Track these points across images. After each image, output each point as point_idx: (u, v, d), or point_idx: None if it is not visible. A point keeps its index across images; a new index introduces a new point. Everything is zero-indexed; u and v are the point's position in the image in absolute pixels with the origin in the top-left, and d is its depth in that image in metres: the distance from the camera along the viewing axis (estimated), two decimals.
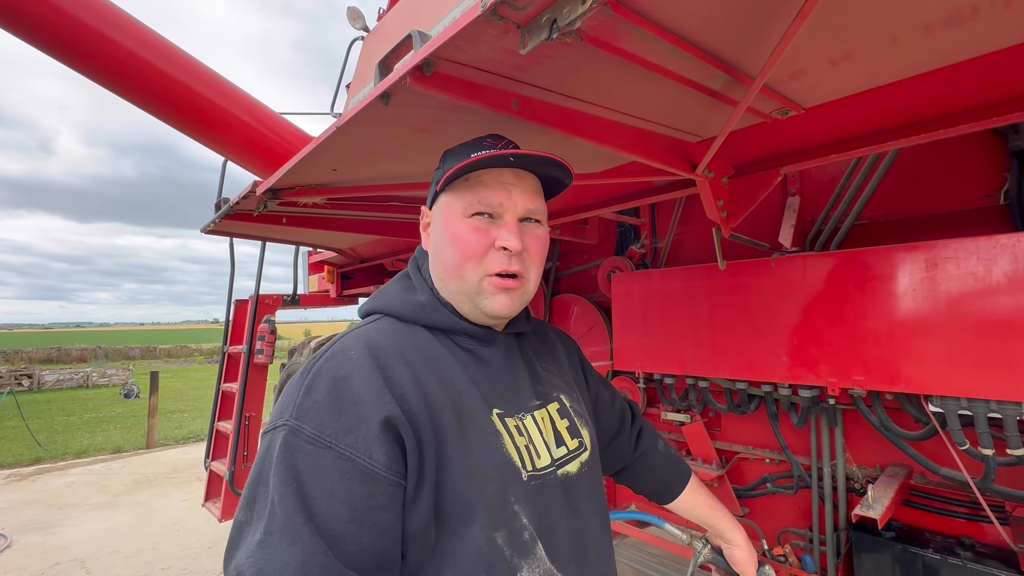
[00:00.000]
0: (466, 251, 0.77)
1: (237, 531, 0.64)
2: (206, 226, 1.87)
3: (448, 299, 0.83)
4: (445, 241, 0.80)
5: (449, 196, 0.81)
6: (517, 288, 0.80)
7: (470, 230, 0.77)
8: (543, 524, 0.75)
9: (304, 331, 48.35)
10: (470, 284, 0.78)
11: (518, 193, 0.79)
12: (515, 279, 0.79)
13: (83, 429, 9.97)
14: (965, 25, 0.74)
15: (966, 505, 1.52)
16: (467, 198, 0.78)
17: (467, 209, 0.78)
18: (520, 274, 0.79)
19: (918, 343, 1.35)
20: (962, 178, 1.55)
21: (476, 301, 0.79)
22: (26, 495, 5.94)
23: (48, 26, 1.84)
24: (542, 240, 0.83)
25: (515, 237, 0.77)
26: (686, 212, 2.26)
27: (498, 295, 0.78)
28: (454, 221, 0.79)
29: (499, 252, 0.77)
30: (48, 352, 30.70)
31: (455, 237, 0.78)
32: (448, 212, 0.80)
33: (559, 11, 0.54)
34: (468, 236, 0.77)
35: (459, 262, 0.78)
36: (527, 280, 0.81)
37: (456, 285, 0.80)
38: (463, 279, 0.79)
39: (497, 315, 0.80)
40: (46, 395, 15.54)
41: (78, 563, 4.13)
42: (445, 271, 0.81)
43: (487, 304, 0.79)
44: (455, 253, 0.78)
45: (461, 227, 0.78)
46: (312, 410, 0.66)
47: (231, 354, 3.64)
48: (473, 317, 0.82)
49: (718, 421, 2.12)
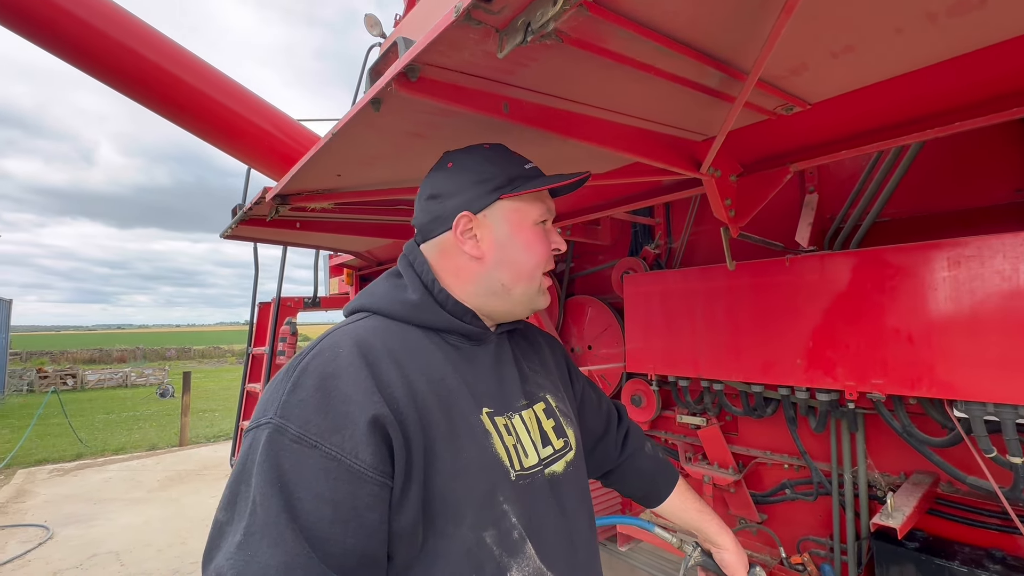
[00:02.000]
0: (543, 255, 0.87)
1: (217, 531, 0.62)
2: (224, 231, 1.93)
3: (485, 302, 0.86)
4: (519, 247, 0.85)
5: (517, 204, 0.85)
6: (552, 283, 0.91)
7: (541, 237, 0.87)
8: (532, 523, 0.75)
9: None
10: (536, 285, 0.87)
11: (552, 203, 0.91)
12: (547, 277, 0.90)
13: (121, 427, 10.39)
14: (972, 14, 0.71)
15: (997, 515, 1.45)
16: (538, 208, 0.87)
17: (539, 217, 0.87)
18: None
19: (940, 345, 1.29)
20: (990, 172, 1.48)
21: (535, 299, 0.88)
22: (67, 489, 6.22)
23: (84, 44, 1.93)
24: None
25: (563, 241, 0.90)
26: (701, 212, 2.21)
27: (547, 293, 0.90)
28: (528, 228, 0.86)
29: (553, 254, 0.89)
30: (91, 353, 32.10)
31: (531, 244, 0.86)
32: (519, 219, 0.85)
33: (532, 14, 0.54)
34: (542, 242, 0.87)
35: (536, 265, 0.86)
36: None
37: (524, 288, 0.86)
38: (533, 280, 0.86)
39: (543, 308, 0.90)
40: (88, 394, 16.25)
41: (113, 555, 4.30)
42: (516, 275, 0.85)
43: (542, 301, 0.89)
44: (532, 258, 0.86)
45: (535, 234, 0.86)
46: (298, 408, 0.65)
47: (255, 355, 3.75)
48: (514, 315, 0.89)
49: (735, 425, 2.07)
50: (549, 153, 1.12)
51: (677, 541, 1.21)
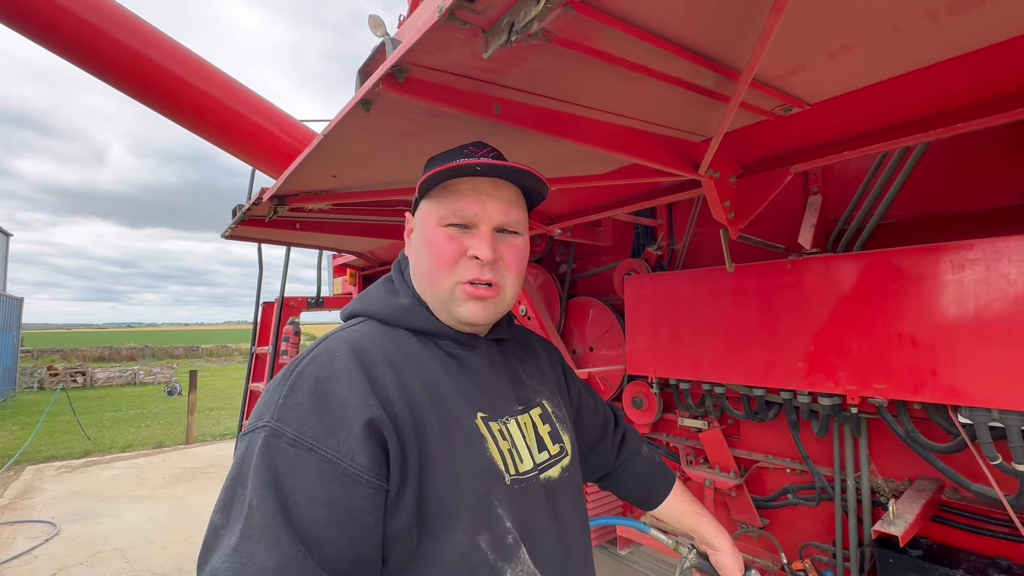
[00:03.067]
0: (439, 259, 0.78)
1: (212, 534, 0.62)
2: (224, 232, 1.93)
3: (428, 304, 0.84)
4: (422, 248, 0.81)
5: (427, 204, 0.82)
6: (492, 297, 0.80)
7: (444, 238, 0.78)
8: (526, 528, 0.74)
9: None
10: (443, 291, 0.80)
11: (493, 204, 0.79)
12: (490, 288, 0.79)
13: (129, 424, 10.48)
14: (971, 12, 0.69)
15: (1002, 523, 1.42)
16: (443, 207, 0.79)
17: (442, 219, 0.79)
18: (495, 283, 0.80)
19: (945, 350, 1.27)
20: (997, 174, 1.45)
21: (450, 308, 0.80)
22: (75, 486, 6.28)
23: (87, 45, 1.94)
24: (519, 250, 0.83)
25: (487, 247, 0.77)
26: (703, 213, 2.19)
27: (470, 303, 0.79)
28: (430, 229, 0.80)
29: (471, 261, 0.78)
30: (101, 351, 32.43)
31: (430, 245, 0.80)
32: (426, 220, 0.81)
33: (516, 14, 0.53)
34: (441, 244, 0.78)
35: (432, 269, 0.80)
36: (503, 289, 0.81)
37: (432, 292, 0.81)
38: (437, 286, 0.80)
39: (470, 322, 0.81)
40: (97, 391, 16.42)
41: (118, 552, 4.34)
42: (422, 277, 0.82)
43: (459, 311, 0.80)
44: (429, 260, 0.80)
45: (436, 235, 0.79)
46: (294, 411, 0.65)
47: (259, 355, 3.76)
48: (450, 323, 0.83)
49: (736, 428, 2.05)
50: (545, 154, 1.11)
51: (673, 543, 1.20)
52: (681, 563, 1.13)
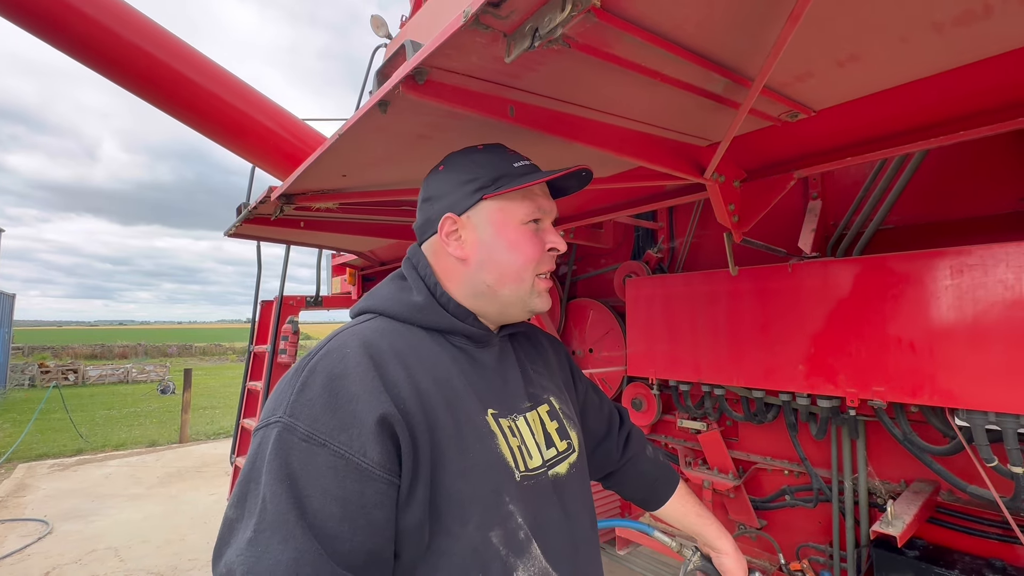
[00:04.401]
0: (531, 255, 0.84)
1: (227, 528, 0.64)
2: (229, 229, 1.93)
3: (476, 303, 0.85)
4: (503, 247, 0.83)
5: (502, 203, 0.84)
6: (551, 285, 0.89)
7: (530, 236, 0.84)
8: (537, 523, 0.75)
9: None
10: (526, 286, 0.84)
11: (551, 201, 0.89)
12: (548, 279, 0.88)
13: (122, 423, 10.40)
14: (978, 24, 0.71)
15: (998, 525, 1.44)
16: (526, 206, 0.84)
17: (526, 216, 0.84)
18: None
19: (943, 354, 1.29)
20: (994, 181, 1.48)
21: (528, 301, 0.86)
22: (68, 484, 6.23)
23: (91, 40, 1.94)
24: None
25: (562, 240, 0.87)
26: (704, 216, 2.22)
27: (544, 295, 0.87)
28: (512, 228, 0.84)
29: (549, 255, 0.87)
30: (93, 348, 32.15)
31: (516, 243, 0.83)
32: (503, 219, 0.83)
33: (540, 19, 0.55)
34: (531, 242, 0.84)
35: (523, 266, 0.83)
36: None
37: (512, 288, 0.84)
38: (522, 282, 0.84)
39: (542, 311, 0.88)
40: (89, 389, 16.28)
41: (112, 551, 4.31)
42: (501, 276, 0.84)
43: (538, 303, 0.87)
44: (518, 258, 0.83)
45: (521, 234, 0.84)
46: (307, 407, 0.66)
47: (256, 353, 3.75)
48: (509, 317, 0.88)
49: (735, 430, 2.07)
50: (554, 156, 1.12)
51: (676, 545, 1.20)
52: (685, 565, 1.13)
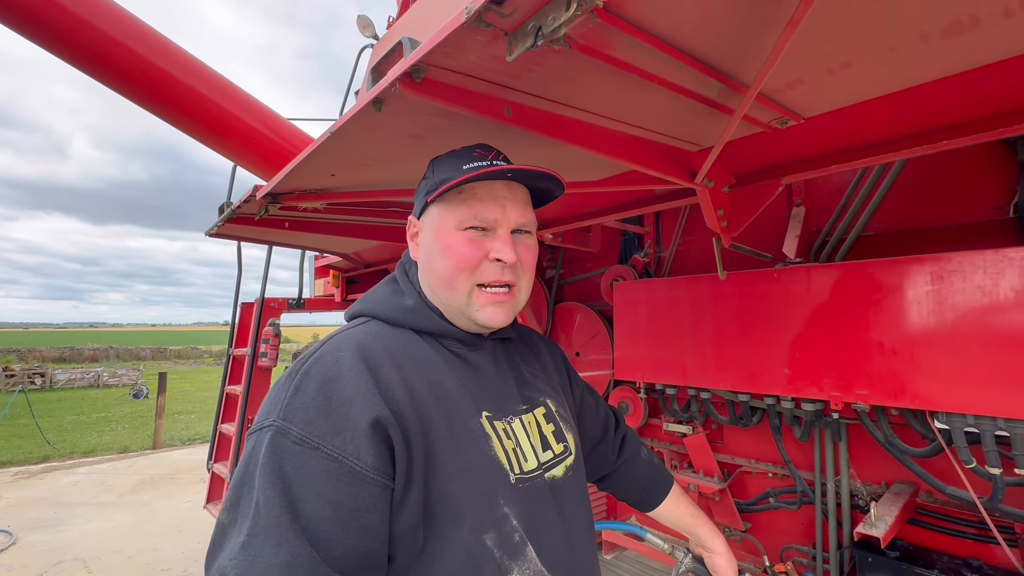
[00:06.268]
0: (460, 262, 0.78)
1: (220, 533, 0.63)
2: (210, 229, 1.89)
3: (438, 307, 0.83)
4: (438, 252, 0.80)
5: (441, 208, 0.81)
6: (509, 300, 0.81)
7: (464, 242, 0.78)
8: (532, 526, 0.75)
9: (313, 335, 48.64)
10: (461, 295, 0.79)
11: (511, 206, 0.80)
12: (507, 292, 0.80)
13: (92, 428, 10.07)
14: (964, 35, 0.73)
15: (974, 525, 1.48)
16: (461, 212, 0.79)
17: (461, 223, 0.78)
18: (512, 284, 0.81)
19: (923, 358, 1.32)
20: (971, 190, 1.52)
21: (467, 312, 0.80)
22: (33, 492, 6.00)
23: (71, 35, 1.88)
24: (533, 250, 0.85)
25: (510, 249, 0.78)
26: (690, 221, 2.24)
27: (488, 307, 0.80)
28: (447, 233, 0.80)
29: (492, 264, 0.79)
30: (61, 351, 31.12)
31: (448, 249, 0.79)
32: (440, 224, 0.80)
33: (544, 18, 0.54)
34: (462, 248, 0.78)
35: (452, 273, 0.79)
36: (518, 289, 0.83)
37: (447, 296, 0.81)
38: (455, 290, 0.80)
39: (489, 327, 0.81)
40: (57, 394, 15.74)
41: (80, 562, 4.15)
42: (437, 282, 0.81)
43: (479, 316, 0.80)
44: (448, 264, 0.79)
45: (455, 239, 0.79)
46: (300, 411, 0.65)
47: (236, 357, 3.66)
48: (464, 326, 0.83)
49: (720, 433, 2.09)
50: (544, 159, 1.12)
51: (669, 548, 1.21)
52: (677, 567, 1.14)
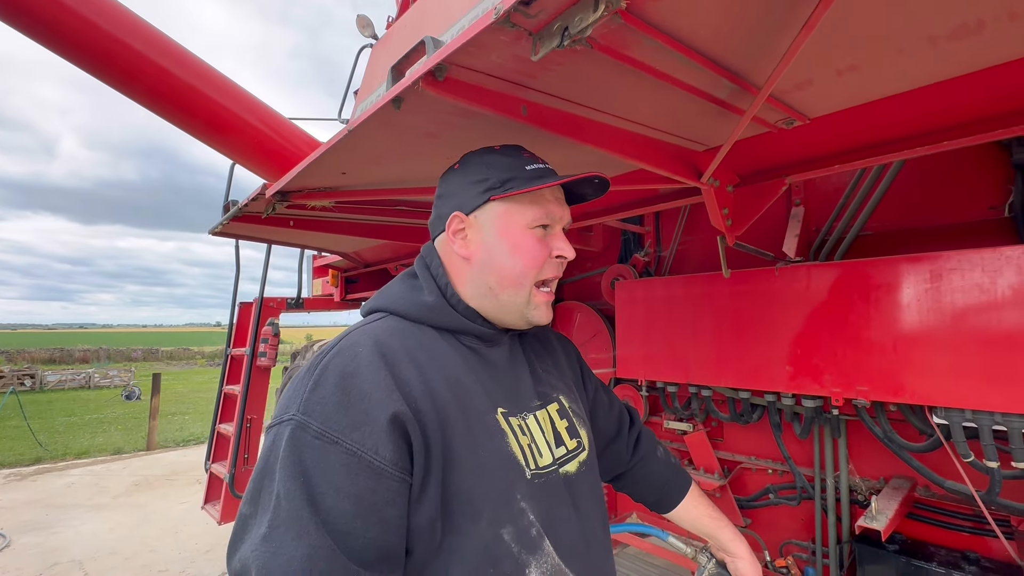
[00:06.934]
0: (532, 261, 0.82)
1: (241, 525, 0.64)
2: (214, 227, 1.89)
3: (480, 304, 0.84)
4: (505, 250, 0.82)
5: (508, 206, 0.82)
6: (553, 298, 0.87)
7: (535, 241, 0.82)
8: (548, 521, 0.76)
9: (306, 335, 48.38)
10: (524, 294, 0.83)
11: (564, 207, 0.87)
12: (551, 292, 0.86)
13: (84, 430, 9.97)
14: (970, 38, 0.75)
15: (972, 519, 1.51)
16: (533, 211, 0.82)
17: (533, 221, 0.82)
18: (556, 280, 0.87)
19: (922, 354, 1.34)
20: (967, 190, 1.55)
21: (525, 311, 0.84)
22: (26, 495, 5.94)
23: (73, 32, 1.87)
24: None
25: (570, 247, 0.85)
26: (690, 221, 2.27)
27: (542, 307, 0.85)
28: (517, 232, 0.82)
29: (554, 261, 0.84)
30: (51, 352, 30.77)
31: (518, 247, 0.82)
32: (508, 222, 0.82)
33: (571, 19, 0.56)
34: (534, 247, 0.82)
35: (523, 271, 0.82)
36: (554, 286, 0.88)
37: (510, 294, 0.83)
38: (521, 287, 0.82)
39: (540, 324, 0.87)
40: (48, 395, 15.56)
41: (76, 564, 4.12)
42: (500, 280, 0.82)
43: (534, 315, 0.85)
44: (518, 263, 0.81)
45: (526, 238, 0.82)
46: (320, 405, 0.66)
47: (234, 356, 3.65)
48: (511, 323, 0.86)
49: (720, 430, 2.12)
50: (559, 157, 1.13)
51: (692, 552, 1.16)
52: (699, 571, 1.10)
